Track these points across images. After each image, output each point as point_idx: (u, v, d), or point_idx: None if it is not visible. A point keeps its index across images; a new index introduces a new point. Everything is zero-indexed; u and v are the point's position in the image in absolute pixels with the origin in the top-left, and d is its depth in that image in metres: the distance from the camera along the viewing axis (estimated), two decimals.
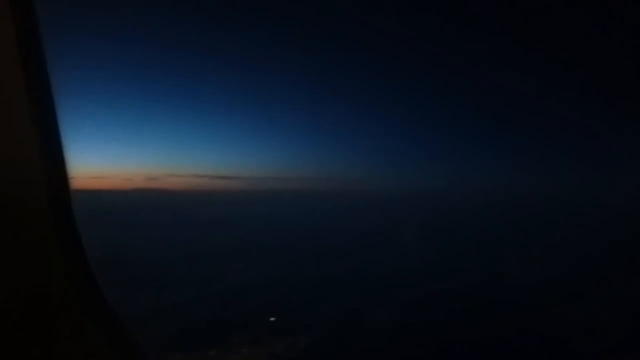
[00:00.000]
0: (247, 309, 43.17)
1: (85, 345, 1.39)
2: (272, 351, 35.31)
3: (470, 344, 37.04)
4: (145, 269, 54.70)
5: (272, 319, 40.78)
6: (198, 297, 46.50)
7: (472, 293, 49.53)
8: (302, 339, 36.99)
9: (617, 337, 36.87)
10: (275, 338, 36.96)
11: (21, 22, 1.19)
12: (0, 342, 1.23)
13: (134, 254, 59.81)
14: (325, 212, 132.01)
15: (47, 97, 1.31)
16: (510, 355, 36.20)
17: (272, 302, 45.37)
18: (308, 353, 35.38)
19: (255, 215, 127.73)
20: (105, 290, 1.58)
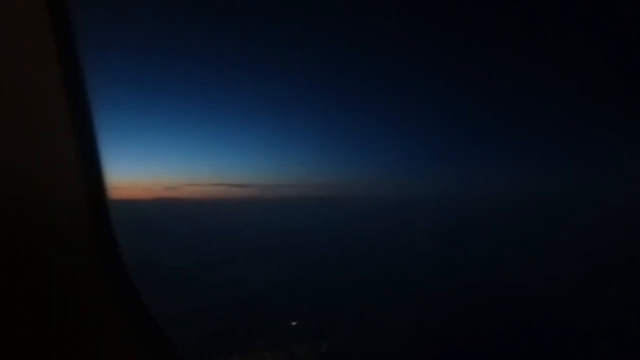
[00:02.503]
0: (267, 314, 43.36)
1: (122, 343, 1.43)
2: (293, 355, 35.39)
3: (487, 343, 36.84)
4: (165, 276, 55.42)
5: (292, 323, 40.89)
6: (218, 303, 46.89)
7: (486, 294, 49.46)
8: (323, 342, 36.99)
9: (621, 337, 36.72)
10: (296, 342, 37.04)
11: (59, 31, 1.21)
12: (38, 338, 1.28)
13: (154, 262, 60.68)
14: (339, 217, 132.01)
15: (85, 105, 1.34)
16: (526, 352, 36.07)
17: (291, 306, 45.46)
18: (329, 356, 35.36)
19: (271, 221, 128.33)
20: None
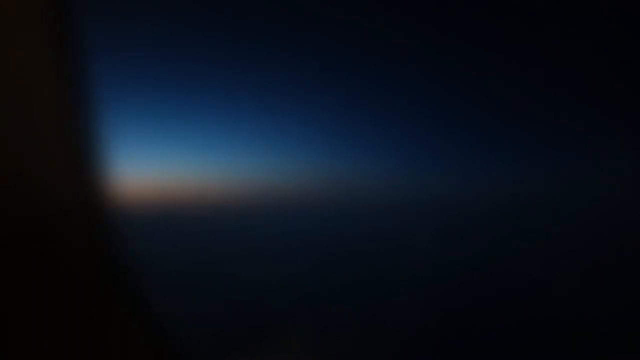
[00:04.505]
0: (271, 315, 43.69)
1: (125, 343, 1.43)
2: (298, 357, 35.59)
3: (496, 341, 37.50)
4: (168, 276, 56.01)
5: (298, 324, 41.15)
6: (221, 303, 47.27)
7: (492, 293, 50.47)
8: (329, 343, 37.23)
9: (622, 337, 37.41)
10: (301, 343, 37.27)
11: (60, 29, 1.19)
12: (40, 337, 1.26)
13: (157, 262, 61.44)
14: (344, 217, 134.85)
15: (87, 104, 1.30)
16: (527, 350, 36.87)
17: (296, 307, 45.87)
18: (335, 357, 35.61)
19: (272, 221, 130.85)
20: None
